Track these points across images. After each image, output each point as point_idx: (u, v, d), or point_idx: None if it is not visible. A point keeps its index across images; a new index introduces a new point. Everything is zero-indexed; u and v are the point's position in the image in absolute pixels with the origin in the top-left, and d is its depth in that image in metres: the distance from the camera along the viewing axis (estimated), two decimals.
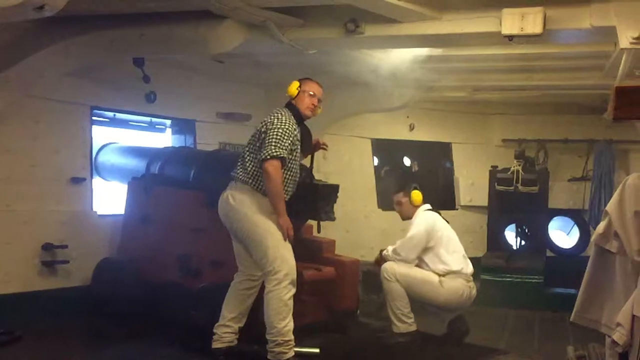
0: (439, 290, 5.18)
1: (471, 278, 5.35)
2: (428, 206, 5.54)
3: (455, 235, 5.43)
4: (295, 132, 4.34)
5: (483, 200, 8.32)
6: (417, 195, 5.49)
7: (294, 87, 4.50)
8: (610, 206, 2.85)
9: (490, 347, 5.30)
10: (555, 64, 6.17)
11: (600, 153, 8.07)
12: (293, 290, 4.23)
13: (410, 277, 5.18)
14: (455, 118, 8.82)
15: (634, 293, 2.69)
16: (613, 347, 2.82)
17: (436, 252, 5.26)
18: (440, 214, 5.56)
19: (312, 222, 5.13)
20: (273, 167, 4.17)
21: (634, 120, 4.15)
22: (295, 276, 4.25)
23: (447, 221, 5.51)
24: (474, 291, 5.35)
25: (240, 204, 4.30)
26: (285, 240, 4.26)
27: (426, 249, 5.28)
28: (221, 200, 4.41)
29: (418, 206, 5.49)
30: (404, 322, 5.13)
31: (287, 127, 4.27)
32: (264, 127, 4.30)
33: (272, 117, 4.32)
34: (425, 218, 5.39)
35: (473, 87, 7.47)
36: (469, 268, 5.35)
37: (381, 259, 5.41)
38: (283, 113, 4.37)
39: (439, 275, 5.22)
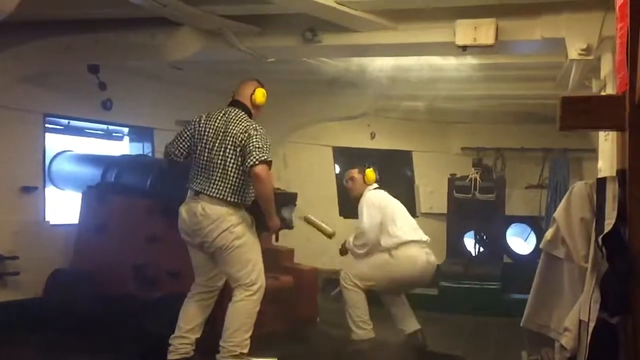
0: (391, 265, 5.19)
1: (426, 245, 5.32)
2: (376, 185, 5.58)
3: (404, 209, 5.48)
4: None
5: (443, 208, 8.42)
6: (371, 173, 5.54)
7: (264, 97, 4.44)
8: (558, 213, 2.91)
9: (447, 354, 5.37)
10: (511, 74, 6.31)
11: (556, 161, 8.28)
12: (259, 306, 4.22)
13: (362, 272, 5.23)
14: (415, 126, 8.92)
15: (580, 298, 2.74)
16: (562, 352, 2.87)
17: (385, 227, 5.25)
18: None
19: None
20: (265, 170, 4.08)
21: (580, 130, 4.26)
22: (264, 293, 4.25)
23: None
24: (432, 257, 5.31)
25: (219, 218, 4.16)
26: (261, 254, 4.26)
27: None
28: (189, 214, 4.24)
29: (369, 185, 5.53)
30: (363, 328, 5.15)
31: (263, 132, 4.21)
32: (239, 136, 4.16)
33: (245, 124, 4.20)
34: (373, 195, 5.44)
35: (432, 96, 7.58)
36: (423, 237, 5.32)
37: (344, 250, 5.46)
38: (249, 119, 4.29)
39: (390, 249, 5.21)
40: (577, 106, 2.50)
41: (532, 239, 8.72)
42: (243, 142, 4.14)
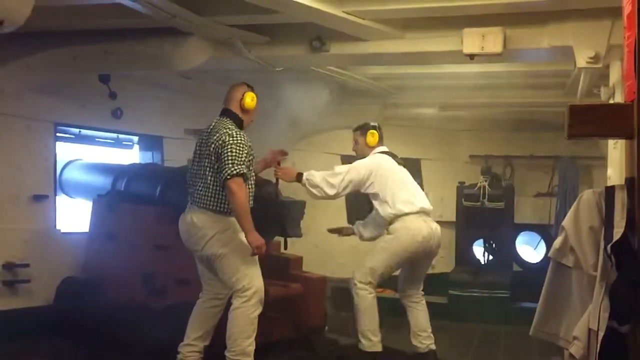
0: (388, 243, 4.85)
1: (428, 215, 4.96)
2: (384, 148, 5.19)
3: (409, 177, 5.12)
4: (249, 143, 4.20)
5: (452, 216, 8.38)
6: (372, 135, 5.13)
7: (254, 101, 4.31)
8: (567, 221, 2.89)
9: None
10: (520, 82, 6.31)
11: (565, 169, 8.23)
12: (260, 309, 4.19)
13: (366, 262, 4.89)
14: (423, 134, 8.90)
15: (589, 307, 2.73)
16: None
17: (383, 196, 4.87)
18: (397, 157, 5.21)
19: (279, 239, 5.11)
20: (236, 184, 4.04)
21: (588, 138, 4.24)
22: (263, 295, 4.22)
23: (403, 165, 5.19)
24: (436, 228, 4.92)
25: (204, 226, 4.20)
26: (254, 257, 4.20)
27: (374, 195, 4.93)
28: (183, 223, 4.34)
29: (373, 147, 5.13)
30: (369, 339, 4.88)
31: (240, 140, 4.13)
32: (214, 144, 4.12)
33: (221, 132, 4.14)
34: (372, 157, 5.05)
35: (441, 104, 7.59)
36: (425, 205, 4.95)
37: (339, 230, 5.47)
38: (231, 127, 4.19)
39: (388, 223, 4.90)
40: (585, 114, 2.50)
41: (542, 247, 8.65)
42: (217, 149, 4.11)
